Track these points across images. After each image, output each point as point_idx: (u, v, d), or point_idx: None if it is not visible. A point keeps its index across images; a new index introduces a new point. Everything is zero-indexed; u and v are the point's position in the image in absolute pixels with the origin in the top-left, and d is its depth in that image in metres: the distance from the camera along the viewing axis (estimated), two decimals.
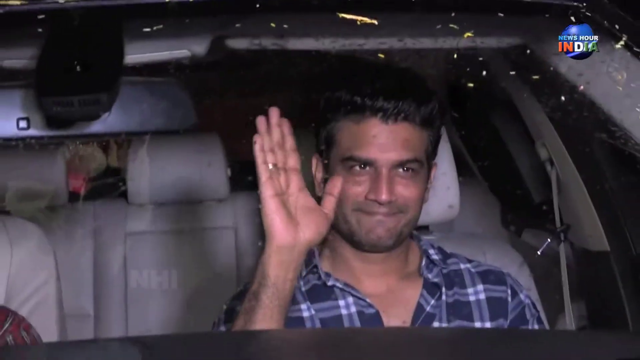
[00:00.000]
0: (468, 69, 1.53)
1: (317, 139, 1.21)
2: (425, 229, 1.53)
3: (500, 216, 2.14)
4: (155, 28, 1.13)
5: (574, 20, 1.26)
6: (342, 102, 1.14)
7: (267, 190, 0.96)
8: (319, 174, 1.20)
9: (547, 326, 1.36)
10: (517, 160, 1.80)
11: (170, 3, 1.03)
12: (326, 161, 1.19)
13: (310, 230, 0.98)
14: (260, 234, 1.05)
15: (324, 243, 1.19)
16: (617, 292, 1.54)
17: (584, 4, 1.26)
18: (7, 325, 1.27)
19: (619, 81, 1.26)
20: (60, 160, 2.02)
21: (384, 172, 1.10)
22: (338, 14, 1.07)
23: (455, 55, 1.33)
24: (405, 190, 1.13)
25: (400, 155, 1.11)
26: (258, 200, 1.01)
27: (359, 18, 1.08)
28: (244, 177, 1.80)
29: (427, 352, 0.99)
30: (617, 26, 1.29)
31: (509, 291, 1.23)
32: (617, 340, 1.10)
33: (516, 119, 1.71)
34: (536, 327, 1.24)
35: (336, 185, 1.04)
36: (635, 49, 1.22)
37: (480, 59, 1.42)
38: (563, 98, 1.34)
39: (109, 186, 2.29)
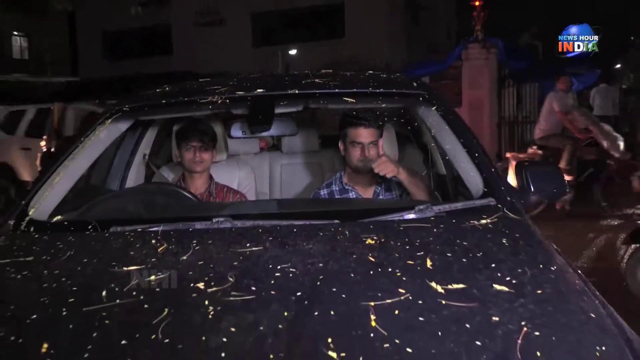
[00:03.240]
0: (392, 112, 2.91)
1: (340, 135, 2.57)
2: None
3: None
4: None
5: (421, 100, 2.39)
6: (348, 122, 2.49)
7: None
8: (342, 149, 2.59)
9: None
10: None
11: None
12: (343, 144, 2.58)
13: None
14: None
15: (345, 171, 2.66)
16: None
17: (424, 93, 2.40)
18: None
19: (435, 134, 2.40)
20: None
21: (366, 146, 2.47)
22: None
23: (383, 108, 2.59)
24: (373, 151, 2.47)
25: (369, 139, 2.46)
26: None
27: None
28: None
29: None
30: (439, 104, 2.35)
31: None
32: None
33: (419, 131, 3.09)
34: None
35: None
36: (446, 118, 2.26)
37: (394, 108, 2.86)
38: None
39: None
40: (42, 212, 2.05)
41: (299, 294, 1.31)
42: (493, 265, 1.39)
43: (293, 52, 19.81)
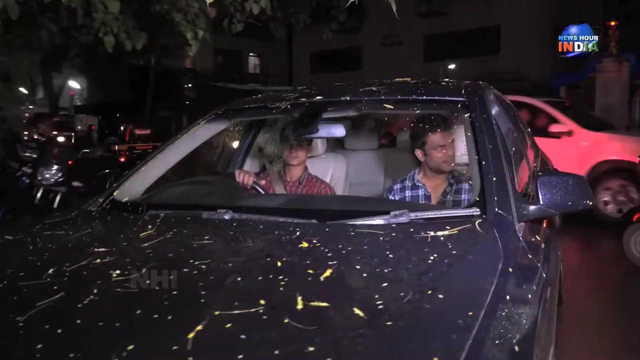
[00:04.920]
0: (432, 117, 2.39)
1: (416, 144, 2.39)
2: None
3: None
4: None
5: (459, 107, 2.03)
6: (425, 130, 2.32)
7: None
8: (421, 155, 2.38)
9: None
10: None
11: None
12: (422, 150, 2.36)
13: None
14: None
15: (420, 170, 2.44)
16: None
17: (464, 100, 2.02)
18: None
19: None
20: None
21: (447, 146, 2.31)
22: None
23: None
24: (450, 151, 2.34)
25: (448, 140, 2.32)
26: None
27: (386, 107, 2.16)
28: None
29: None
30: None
31: None
32: None
33: None
34: None
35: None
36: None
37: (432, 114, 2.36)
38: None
39: None
40: (123, 194, 2.01)
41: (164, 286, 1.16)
42: (385, 284, 1.11)
43: (452, 66, 20.54)
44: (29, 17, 4.80)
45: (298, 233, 1.46)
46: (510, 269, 1.30)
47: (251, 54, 28.15)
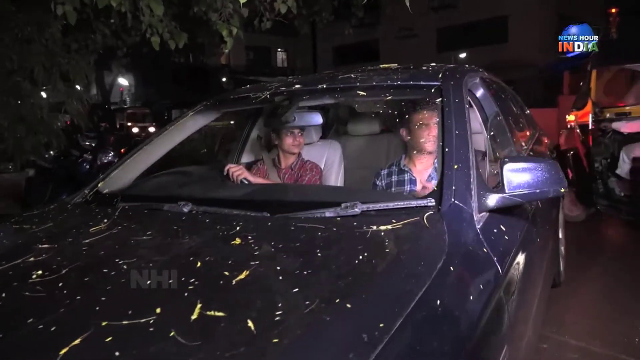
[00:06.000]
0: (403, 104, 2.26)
1: (403, 123, 2.19)
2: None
3: None
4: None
5: (432, 92, 1.80)
6: (410, 109, 2.12)
7: None
8: (405, 134, 2.18)
9: None
10: None
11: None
12: (407, 129, 2.16)
13: None
14: None
15: (406, 155, 2.21)
16: None
17: (439, 84, 1.82)
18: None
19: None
20: None
21: (431, 126, 2.06)
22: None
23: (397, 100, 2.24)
24: (434, 132, 2.04)
25: (432, 120, 2.05)
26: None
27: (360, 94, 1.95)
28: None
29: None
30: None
31: None
32: None
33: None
34: None
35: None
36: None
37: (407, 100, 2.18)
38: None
39: None
40: (108, 186, 1.87)
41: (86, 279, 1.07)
42: (296, 290, 0.95)
43: (462, 55, 20.25)
44: (85, 22, 4.90)
45: (238, 228, 1.30)
46: (452, 267, 1.10)
47: (279, 50, 28.21)
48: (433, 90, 1.82)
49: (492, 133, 1.88)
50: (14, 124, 4.79)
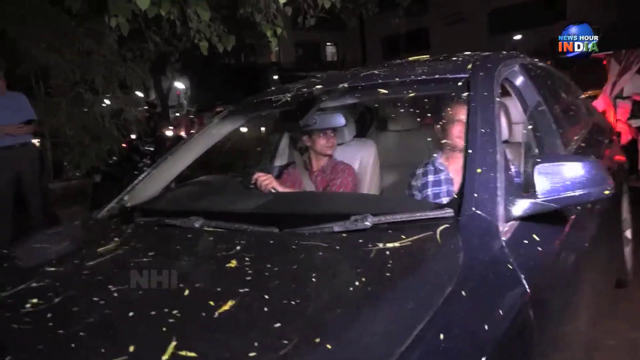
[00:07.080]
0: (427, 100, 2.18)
1: (437, 118, 2.03)
2: None
3: None
4: None
5: (459, 85, 1.66)
6: (444, 103, 1.96)
7: None
8: (440, 131, 2.03)
9: None
10: None
11: None
12: (441, 126, 2.01)
13: None
14: None
15: (443, 152, 2.05)
16: None
17: (467, 76, 1.67)
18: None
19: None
20: None
21: (464, 122, 1.58)
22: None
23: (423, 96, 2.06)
24: None
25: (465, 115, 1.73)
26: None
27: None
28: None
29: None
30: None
31: None
32: None
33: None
34: None
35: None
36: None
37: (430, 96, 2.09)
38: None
39: None
40: (133, 198, 1.85)
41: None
42: (277, 325, 0.87)
43: (517, 37, 19.48)
44: (138, 32, 5.05)
45: (238, 248, 1.23)
46: (464, 292, 0.96)
47: (328, 44, 28.13)
48: (460, 83, 1.67)
49: (531, 125, 1.72)
50: (78, 133, 5.07)
